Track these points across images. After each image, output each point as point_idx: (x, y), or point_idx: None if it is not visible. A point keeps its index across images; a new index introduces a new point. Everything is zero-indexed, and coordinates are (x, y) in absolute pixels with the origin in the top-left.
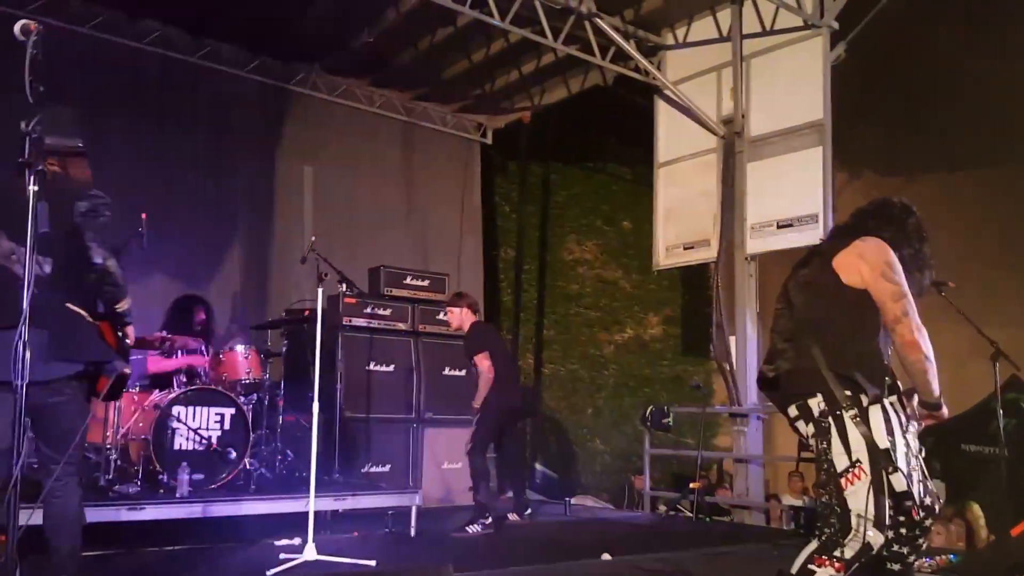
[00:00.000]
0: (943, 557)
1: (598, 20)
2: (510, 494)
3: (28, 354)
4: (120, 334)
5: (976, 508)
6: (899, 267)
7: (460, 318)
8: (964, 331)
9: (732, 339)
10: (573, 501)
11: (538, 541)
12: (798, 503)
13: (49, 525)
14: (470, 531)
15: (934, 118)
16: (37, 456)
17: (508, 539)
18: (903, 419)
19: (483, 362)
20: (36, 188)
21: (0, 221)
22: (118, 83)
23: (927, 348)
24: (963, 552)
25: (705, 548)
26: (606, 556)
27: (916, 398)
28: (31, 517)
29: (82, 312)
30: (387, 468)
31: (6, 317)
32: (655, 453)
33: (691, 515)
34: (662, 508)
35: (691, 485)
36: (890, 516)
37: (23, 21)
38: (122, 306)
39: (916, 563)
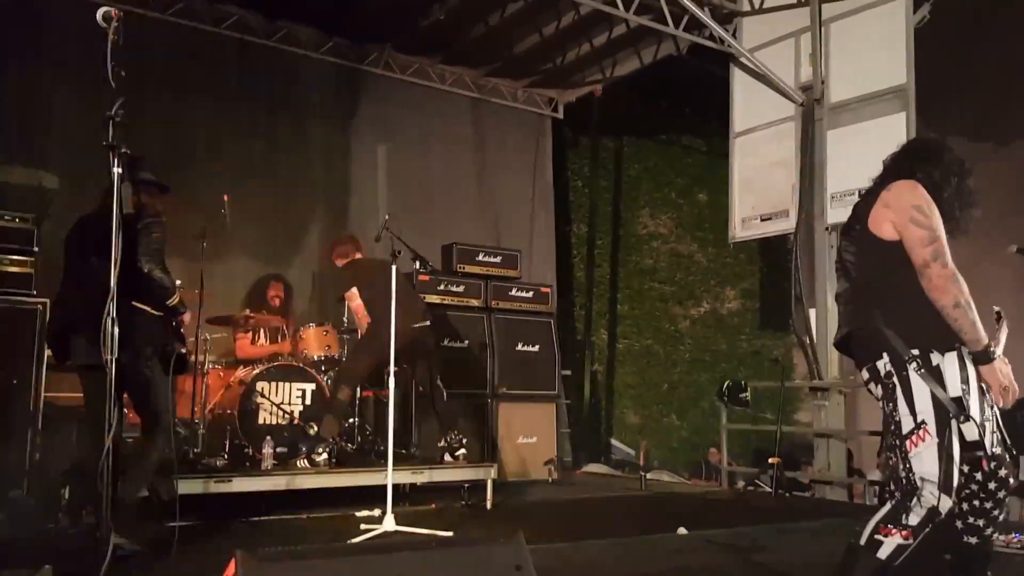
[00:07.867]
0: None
1: None
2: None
3: (117, 329)
4: (175, 323)
5: None
6: (930, 207)
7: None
8: None
9: (812, 312)
10: (649, 476)
11: (613, 515)
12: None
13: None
14: (303, 463)
15: None
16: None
17: (583, 512)
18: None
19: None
20: (120, 170)
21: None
22: (198, 67)
23: (957, 294)
24: None
25: (782, 523)
26: (682, 530)
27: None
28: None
29: (146, 308)
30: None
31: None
32: (732, 428)
33: (770, 490)
34: (740, 484)
35: (770, 460)
36: (962, 481)
37: (104, 8)
38: (172, 302)
39: (993, 535)
